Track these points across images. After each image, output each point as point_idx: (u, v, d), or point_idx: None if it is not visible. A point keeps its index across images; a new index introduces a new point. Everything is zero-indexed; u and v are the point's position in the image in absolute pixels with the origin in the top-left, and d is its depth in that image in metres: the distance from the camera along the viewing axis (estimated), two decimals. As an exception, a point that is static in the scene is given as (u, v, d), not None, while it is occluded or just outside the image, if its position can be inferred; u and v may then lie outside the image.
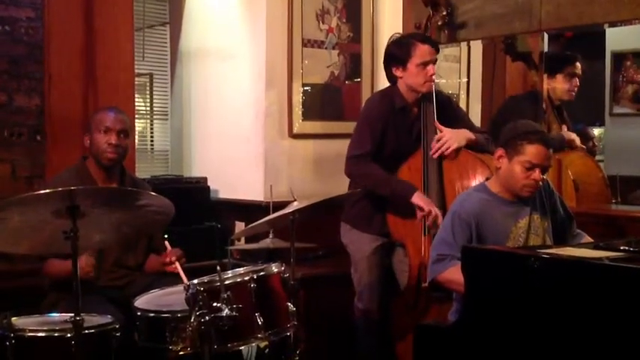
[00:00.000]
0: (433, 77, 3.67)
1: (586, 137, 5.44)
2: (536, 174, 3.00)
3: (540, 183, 3.05)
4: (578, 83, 4.38)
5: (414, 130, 3.76)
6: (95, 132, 3.33)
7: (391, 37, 3.88)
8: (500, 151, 3.08)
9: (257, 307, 2.75)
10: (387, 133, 3.71)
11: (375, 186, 3.67)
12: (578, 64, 4.39)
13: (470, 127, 3.80)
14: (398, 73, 3.72)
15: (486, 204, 3.08)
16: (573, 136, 4.38)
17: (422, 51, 3.66)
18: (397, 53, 3.73)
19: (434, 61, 3.69)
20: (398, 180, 3.69)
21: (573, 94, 4.38)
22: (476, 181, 3.57)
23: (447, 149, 3.63)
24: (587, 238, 3.25)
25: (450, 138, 3.64)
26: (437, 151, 3.64)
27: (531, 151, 2.98)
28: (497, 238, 3.04)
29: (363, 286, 3.81)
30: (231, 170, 4.67)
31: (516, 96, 4.88)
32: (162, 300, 3.04)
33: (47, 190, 2.43)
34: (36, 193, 2.46)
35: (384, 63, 3.85)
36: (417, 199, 3.56)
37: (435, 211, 3.53)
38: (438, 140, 3.65)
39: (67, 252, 2.47)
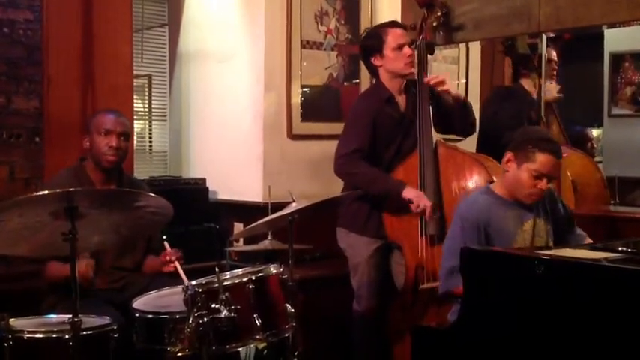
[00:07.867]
0: (412, 59, 3.71)
1: (584, 139, 5.47)
2: (543, 183, 2.98)
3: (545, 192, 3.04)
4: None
5: (405, 120, 3.77)
6: (95, 134, 3.31)
7: (362, 32, 3.96)
8: (509, 155, 3.05)
9: (255, 309, 2.75)
10: (378, 127, 3.72)
11: (364, 185, 3.65)
12: None
13: None
14: (377, 62, 3.77)
15: (492, 207, 3.07)
16: None
17: (394, 35, 3.74)
18: (372, 43, 3.81)
19: (409, 43, 3.74)
20: (386, 177, 3.69)
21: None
22: (472, 181, 3.57)
23: (441, 81, 3.67)
24: (588, 239, 3.24)
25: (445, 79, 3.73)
26: (432, 79, 3.68)
27: (542, 161, 2.95)
28: (503, 240, 3.03)
29: (361, 289, 3.81)
30: (229, 171, 4.67)
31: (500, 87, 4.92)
32: (161, 301, 3.04)
33: (46, 192, 2.43)
34: (34, 194, 2.45)
35: (362, 58, 3.93)
36: (408, 193, 3.57)
37: (425, 203, 3.54)
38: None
39: (65, 254, 2.47)
